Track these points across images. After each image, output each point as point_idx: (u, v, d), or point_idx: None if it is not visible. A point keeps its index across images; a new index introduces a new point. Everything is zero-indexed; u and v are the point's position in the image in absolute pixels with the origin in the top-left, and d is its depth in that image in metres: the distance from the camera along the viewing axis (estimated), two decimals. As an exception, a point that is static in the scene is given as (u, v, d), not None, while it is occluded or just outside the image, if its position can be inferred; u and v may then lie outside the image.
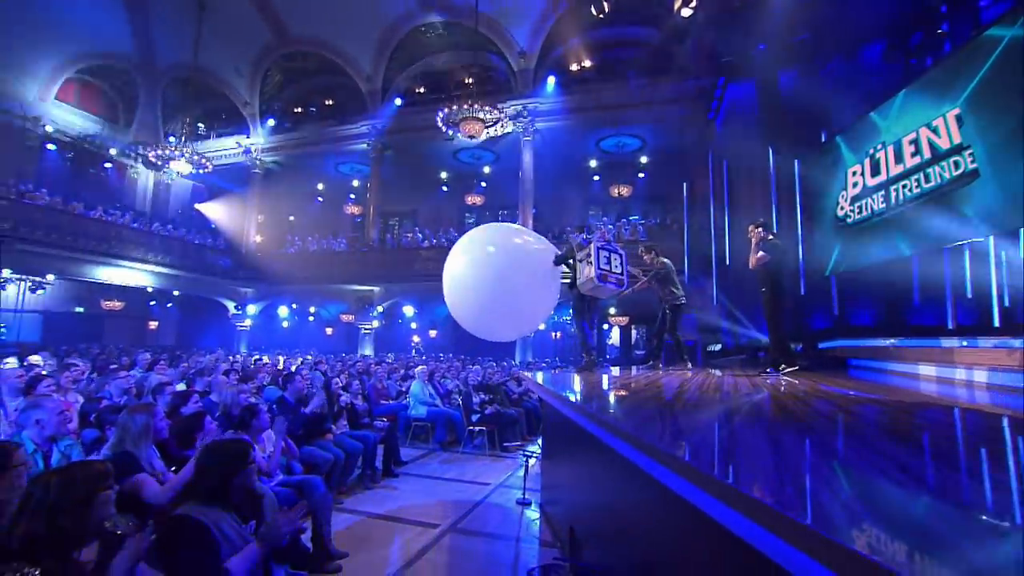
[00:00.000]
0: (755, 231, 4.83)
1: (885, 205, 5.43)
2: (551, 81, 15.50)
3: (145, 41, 17.82)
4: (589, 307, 5.06)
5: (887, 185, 5.38)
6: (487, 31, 15.51)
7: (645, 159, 17.61)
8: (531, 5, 15.01)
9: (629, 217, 18.07)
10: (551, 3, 14.76)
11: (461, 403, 7.35)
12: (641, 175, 18.40)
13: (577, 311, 5.09)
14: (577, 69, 15.87)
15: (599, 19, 11.86)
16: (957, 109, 4.43)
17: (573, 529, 3.20)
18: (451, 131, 13.98)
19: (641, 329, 19.59)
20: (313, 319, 21.75)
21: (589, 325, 5.13)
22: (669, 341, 5.62)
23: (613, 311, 16.73)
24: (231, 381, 5.38)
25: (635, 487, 1.90)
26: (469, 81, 16.50)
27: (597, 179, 19.17)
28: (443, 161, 18.76)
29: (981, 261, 4.41)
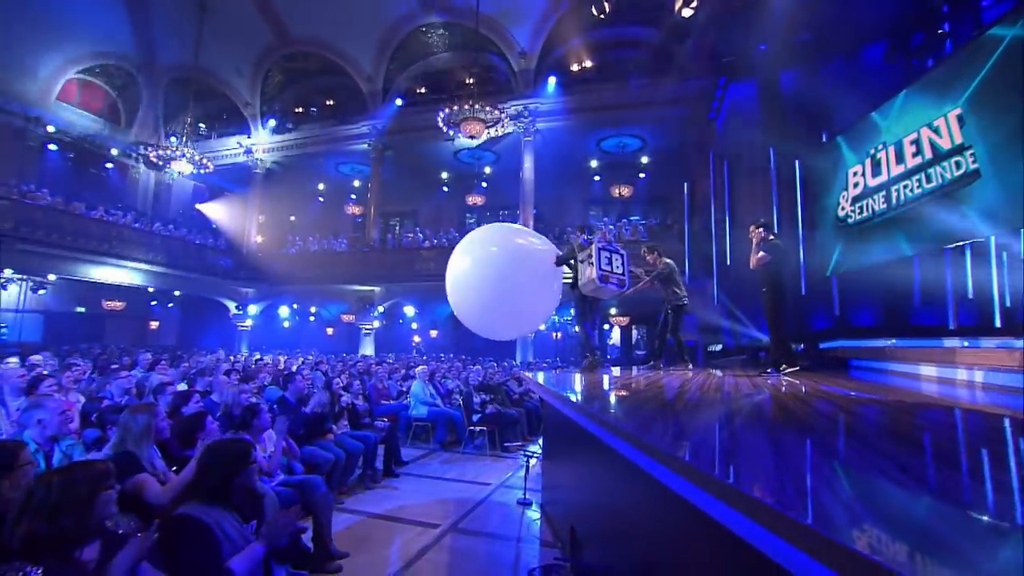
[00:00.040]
0: (756, 231, 4.83)
1: (886, 205, 5.42)
2: (552, 81, 15.48)
3: (146, 41, 17.84)
4: (591, 308, 5.13)
5: (888, 185, 5.38)
6: (488, 31, 15.51)
7: (646, 159, 17.60)
8: (532, 5, 15.01)
9: (630, 217, 18.01)
10: (552, 3, 14.76)
11: (462, 403, 7.34)
12: (642, 175, 18.37)
13: (579, 311, 5.13)
14: (578, 69, 15.86)
15: (600, 19, 11.86)
16: (958, 109, 4.43)
17: (574, 529, 3.20)
18: (452, 131, 13.97)
19: (642, 329, 19.58)
20: (314, 319, 21.76)
21: (591, 325, 5.18)
22: (671, 342, 5.63)
23: (614, 311, 16.72)
24: (232, 381, 5.39)
25: (636, 487, 1.90)
26: (470, 81, 16.47)
27: (598, 179, 19.16)
28: (444, 161, 18.77)
29: (982, 261, 4.41)
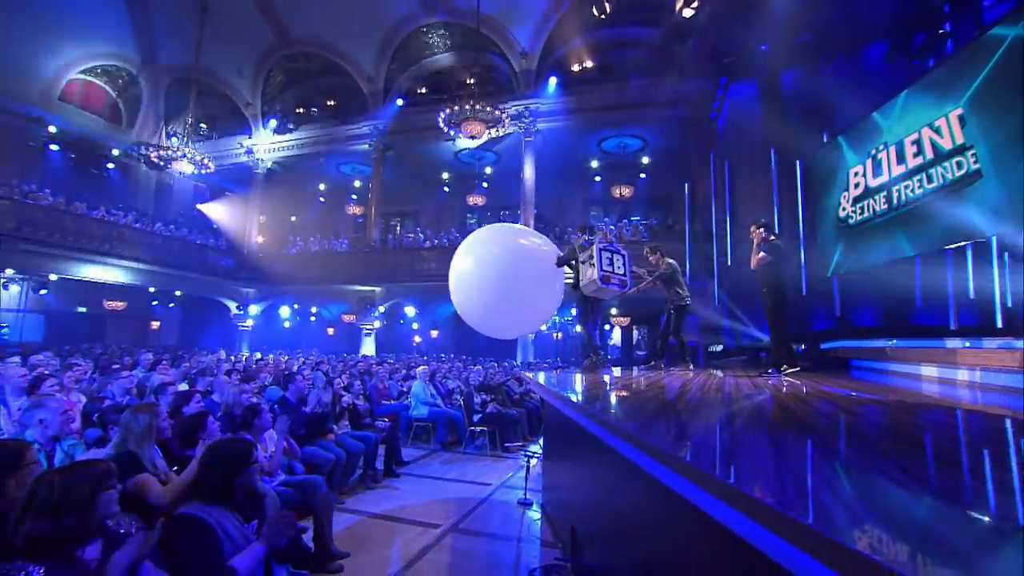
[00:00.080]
0: (757, 232, 4.83)
1: (887, 205, 5.42)
2: (552, 81, 15.47)
3: (148, 42, 17.86)
4: (592, 308, 5.15)
5: (889, 185, 5.37)
6: (489, 32, 15.51)
7: (647, 159, 17.59)
8: (533, 6, 15.00)
9: (630, 218, 18.01)
10: (553, 3, 14.75)
11: (462, 403, 7.35)
12: (643, 175, 18.36)
13: (580, 312, 5.16)
14: (579, 69, 15.85)
15: (601, 19, 11.87)
16: (960, 109, 4.42)
17: (574, 529, 3.20)
18: (453, 132, 13.98)
19: (642, 330, 19.57)
20: (315, 319, 21.77)
21: (592, 325, 5.20)
22: (672, 342, 5.63)
23: (615, 311, 16.72)
24: (233, 381, 5.39)
25: (637, 487, 1.90)
26: (471, 82, 16.48)
27: (599, 179, 19.15)
28: (444, 161, 18.77)
29: (984, 262, 4.40)
